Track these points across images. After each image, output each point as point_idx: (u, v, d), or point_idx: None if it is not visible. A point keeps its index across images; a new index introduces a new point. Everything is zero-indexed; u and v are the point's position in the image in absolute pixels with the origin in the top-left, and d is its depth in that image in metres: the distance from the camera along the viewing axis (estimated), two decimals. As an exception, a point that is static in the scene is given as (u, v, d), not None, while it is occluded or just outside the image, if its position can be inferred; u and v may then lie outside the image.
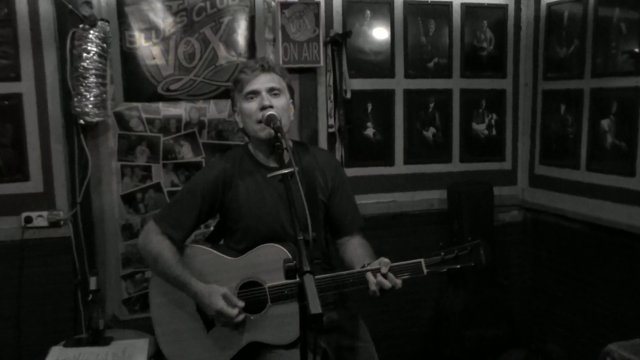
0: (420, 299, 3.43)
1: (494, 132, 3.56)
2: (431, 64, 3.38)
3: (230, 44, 3.04)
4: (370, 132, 3.32)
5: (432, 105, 3.41)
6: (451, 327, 3.31)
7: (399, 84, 3.33)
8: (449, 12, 3.37)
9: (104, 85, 2.77)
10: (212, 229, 2.32)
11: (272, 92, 2.03)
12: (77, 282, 2.84)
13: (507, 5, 3.48)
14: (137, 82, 2.94)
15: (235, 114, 2.13)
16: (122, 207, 2.98)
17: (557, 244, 3.39)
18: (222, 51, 3.03)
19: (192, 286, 1.99)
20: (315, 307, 1.33)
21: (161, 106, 2.98)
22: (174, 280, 2.02)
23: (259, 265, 1.99)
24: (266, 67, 2.05)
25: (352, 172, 3.21)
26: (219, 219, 2.23)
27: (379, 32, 3.27)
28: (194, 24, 2.98)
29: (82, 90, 2.69)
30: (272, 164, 2.07)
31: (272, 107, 1.98)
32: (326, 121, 3.20)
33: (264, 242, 2.01)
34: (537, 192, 3.53)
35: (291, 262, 1.51)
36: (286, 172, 1.71)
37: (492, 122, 3.55)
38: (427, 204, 3.44)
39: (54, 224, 2.83)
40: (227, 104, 2.99)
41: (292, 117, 2.12)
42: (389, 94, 3.33)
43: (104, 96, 2.77)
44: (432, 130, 3.43)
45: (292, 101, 2.13)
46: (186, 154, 3.03)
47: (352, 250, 2.12)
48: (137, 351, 2.42)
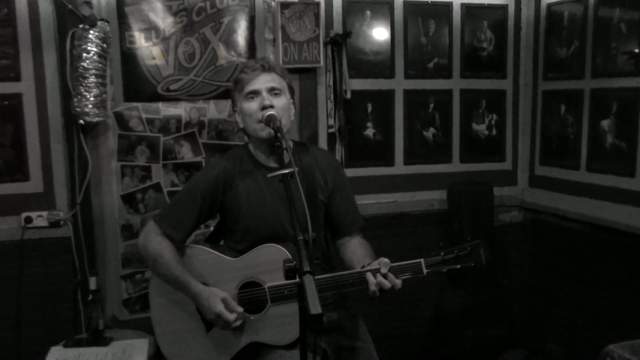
0: (420, 299, 3.43)
1: (494, 132, 3.56)
2: (431, 64, 3.38)
3: (230, 44, 3.04)
4: (370, 132, 3.32)
5: (432, 105, 3.41)
6: (451, 327, 3.31)
7: (399, 84, 3.33)
8: (449, 12, 3.37)
9: (104, 85, 2.77)
10: (212, 229, 2.32)
11: (272, 92, 2.02)
12: (77, 282, 2.84)
13: (507, 5, 3.48)
14: (137, 82, 2.93)
15: (235, 114, 2.13)
16: (122, 207, 2.98)
17: (557, 244, 3.39)
18: (222, 51, 3.03)
19: (192, 288, 1.99)
20: (315, 307, 1.33)
21: (161, 106, 2.98)
22: (174, 281, 2.01)
23: (258, 265, 1.99)
24: (266, 67, 2.04)
25: (352, 172, 3.21)
26: (219, 219, 2.22)
27: (379, 32, 3.26)
28: (194, 24, 2.98)
29: (82, 90, 2.69)
30: (272, 164, 2.07)
31: (272, 107, 1.98)
32: (326, 121, 3.20)
33: (264, 242, 2.01)
34: (537, 193, 3.53)
35: (291, 263, 1.50)
36: (286, 172, 1.70)
37: (492, 122, 3.54)
38: (427, 204, 3.44)
39: (54, 224, 2.83)
40: (227, 104, 2.99)
41: (292, 117, 2.12)
42: (389, 94, 3.33)
43: (104, 96, 2.77)
44: (432, 130, 3.43)
45: (292, 101, 2.13)
46: (186, 154, 3.03)
47: (352, 250, 2.11)
48: (137, 351, 2.42)
